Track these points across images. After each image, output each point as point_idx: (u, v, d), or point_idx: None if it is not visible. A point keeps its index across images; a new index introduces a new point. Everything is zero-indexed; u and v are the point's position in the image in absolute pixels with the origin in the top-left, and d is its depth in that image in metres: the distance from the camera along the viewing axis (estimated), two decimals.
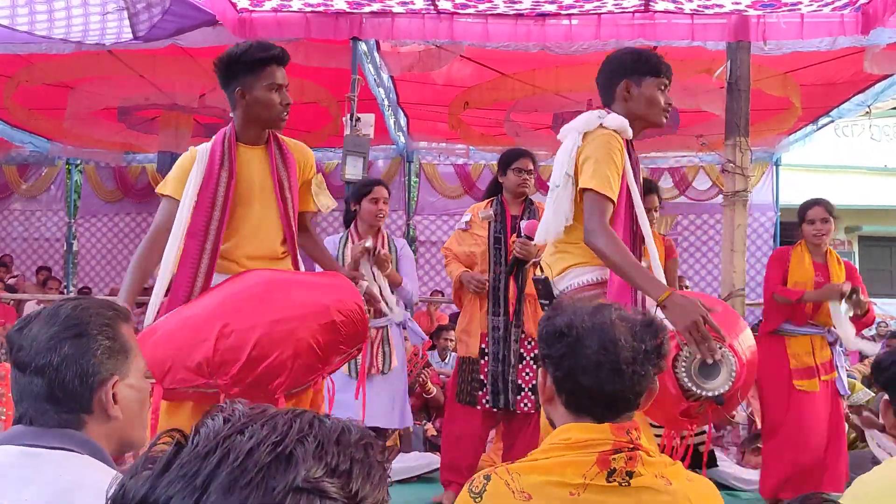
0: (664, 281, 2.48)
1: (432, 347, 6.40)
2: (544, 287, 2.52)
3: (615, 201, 2.41)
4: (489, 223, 4.03)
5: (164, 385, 2.34)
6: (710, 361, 2.22)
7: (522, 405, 3.91)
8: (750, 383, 2.52)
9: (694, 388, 2.25)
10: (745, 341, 2.47)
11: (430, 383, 5.26)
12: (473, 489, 1.40)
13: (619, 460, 1.37)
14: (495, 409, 3.96)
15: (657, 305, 2.25)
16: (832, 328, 4.24)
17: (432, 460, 4.78)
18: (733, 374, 2.26)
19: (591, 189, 2.38)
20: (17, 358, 1.29)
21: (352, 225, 4.19)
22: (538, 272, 2.60)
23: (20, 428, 1.27)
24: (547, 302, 2.55)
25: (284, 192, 2.69)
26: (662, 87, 2.60)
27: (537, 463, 1.41)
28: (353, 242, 4.07)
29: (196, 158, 2.65)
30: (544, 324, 1.50)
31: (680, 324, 2.19)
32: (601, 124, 2.50)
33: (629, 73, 2.60)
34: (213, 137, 2.72)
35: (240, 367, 2.31)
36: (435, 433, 5.29)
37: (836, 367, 4.26)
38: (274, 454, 0.64)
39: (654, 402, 2.33)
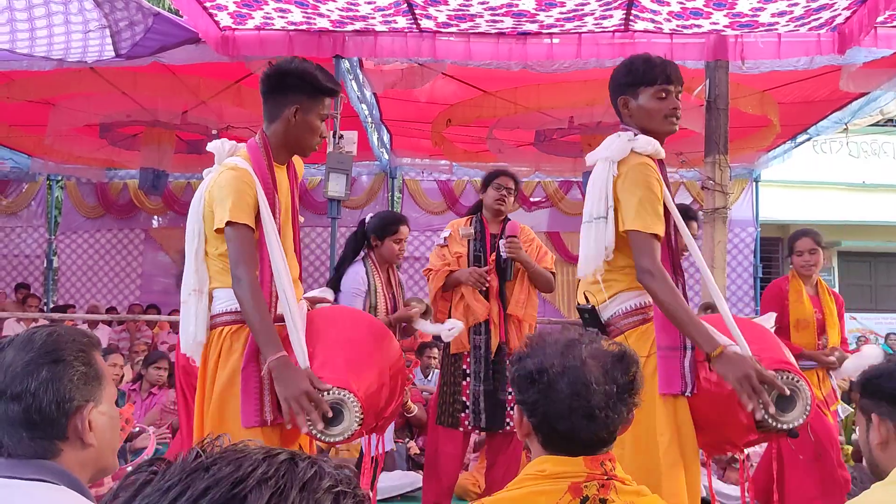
0: (720, 295, 2.47)
1: (413, 362, 6.39)
2: (591, 315, 2.46)
3: (661, 236, 2.36)
4: (469, 241, 4.03)
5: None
6: (769, 411, 2.16)
7: (504, 423, 3.90)
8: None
9: (770, 421, 2.19)
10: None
11: (409, 402, 5.25)
12: None
13: (592, 488, 1.38)
14: (478, 430, 3.95)
15: (707, 359, 2.23)
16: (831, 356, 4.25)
17: (415, 479, 4.76)
18: (808, 406, 2.22)
19: (636, 230, 2.32)
20: None
21: (367, 255, 4.07)
22: (582, 302, 2.51)
23: None
24: (595, 331, 2.43)
25: (296, 212, 2.62)
26: (662, 95, 2.44)
27: (511, 493, 1.42)
28: (378, 275, 3.99)
29: (254, 181, 2.42)
30: (516, 366, 1.49)
31: (731, 378, 2.17)
32: (633, 150, 2.40)
33: (623, 89, 2.50)
34: (243, 150, 2.51)
35: (392, 410, 2.52)
36: (418, 451, 5.27)
37: (838, 397, 4.25)
38: (229, 495, 0.63)
39: (716, 428, 2.34)
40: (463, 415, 3.91)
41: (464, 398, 3.91)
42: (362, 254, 4.07)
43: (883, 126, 12.69)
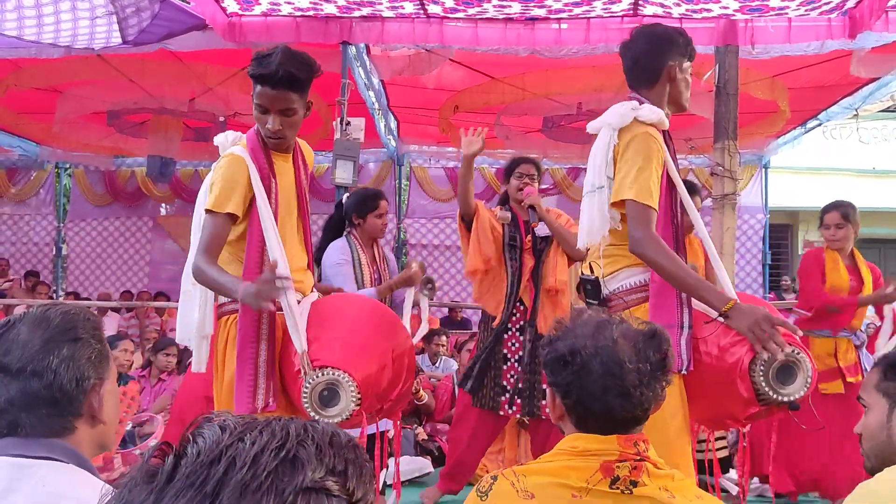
0: (727, 279, 2.42)
1: (422, 351, 6.39)
2: (593, 287, 2.46)
3: (657, 208, 2.33)
4: (504, 225, 4.08)
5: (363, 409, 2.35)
6: (780, 357, 2.13)
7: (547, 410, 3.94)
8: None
9: (771, 393, 2.15)
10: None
11: (422, 390, 5.26)
12: (480, 489, 1.43)
13: (624, 469, 1.38)
14: (519, 414, 4.02)
15: (719, 315, 2.22)
16: (859, 331, 4.24)
17: (423, 465, 4.78)
18: (809, 378, 2.17)
19: (631, 199, 2.30)
20: (2, 363, 1.26)
21: (349, 234, 4.10)
22: (587, 272, 2.52)
23: (6, 439, 1.25)
24: (595, 302, 2.47)
25: (304, 202, 2.60)
26: (691, 73, 2.50)
27: (543, 465, 1.44)
28: (363, 251, 4.00)
29: (246, 169, 2.41)
30: (547, 349, 1.49)
31: (745, 327, 2.16)
32: (636, 118, 2.37)
33: (679, 54, 2.46)
34: (242, 139, 2.51)
35: (398, 393, 2.48)
36: (426, 437, 5.28)
37: (863, 370, 4.14)
38: (279, 458, 0.66)
39: (717, 403, 2.33)
40: (503, 398, 3.96)
41: (504, 382, 3.97)
42: (345, 233, 4.12)
43: (894, 112, 12.59)
